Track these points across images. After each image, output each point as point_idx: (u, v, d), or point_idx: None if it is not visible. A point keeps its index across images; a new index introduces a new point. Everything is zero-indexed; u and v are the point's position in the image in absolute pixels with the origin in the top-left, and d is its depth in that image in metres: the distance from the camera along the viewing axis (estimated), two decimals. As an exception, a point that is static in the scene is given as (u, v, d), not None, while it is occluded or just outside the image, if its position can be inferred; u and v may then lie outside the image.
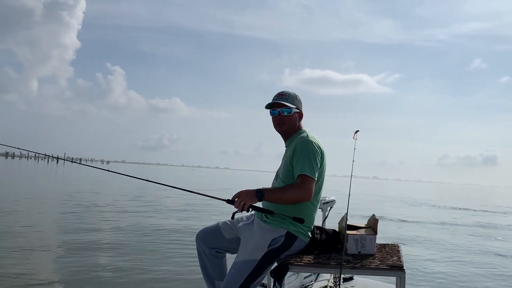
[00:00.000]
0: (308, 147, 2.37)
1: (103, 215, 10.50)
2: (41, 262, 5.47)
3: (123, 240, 7.23)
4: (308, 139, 2.42)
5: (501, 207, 26.13)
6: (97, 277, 4.83)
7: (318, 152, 2.38)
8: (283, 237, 2.38)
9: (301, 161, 2.33)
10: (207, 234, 2.63)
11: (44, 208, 11.58)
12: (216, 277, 2.59)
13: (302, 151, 2.35)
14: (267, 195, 2.27)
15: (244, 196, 2.23)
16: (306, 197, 2.31)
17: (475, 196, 49.33)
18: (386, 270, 2.23)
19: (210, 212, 12.28)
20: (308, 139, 2.42)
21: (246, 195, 2.23)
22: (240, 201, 2.21)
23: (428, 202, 27.07)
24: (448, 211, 20.03)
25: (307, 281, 3.29)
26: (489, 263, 7.32)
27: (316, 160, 2.35)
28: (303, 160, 2.33)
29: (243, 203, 2.21)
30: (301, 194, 2.29)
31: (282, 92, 2.57)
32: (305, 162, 2.32)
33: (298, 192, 2.29)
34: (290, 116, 2.51)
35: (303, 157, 2.33)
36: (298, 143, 2.42)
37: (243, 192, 2.25)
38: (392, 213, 14.60)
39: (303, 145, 2.38)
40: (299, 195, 2.29)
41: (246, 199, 2.22)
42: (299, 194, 2.29)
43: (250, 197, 2.23)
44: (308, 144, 2.39)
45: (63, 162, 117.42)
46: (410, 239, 9.54)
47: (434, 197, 37.99)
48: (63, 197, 14.59)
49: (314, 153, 2.35)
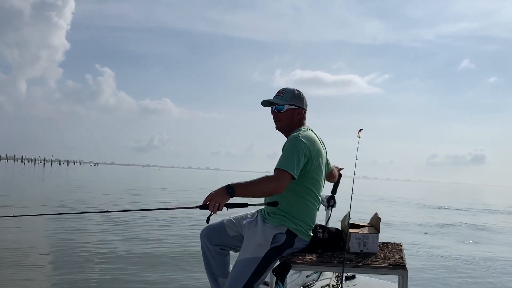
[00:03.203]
0: (294, 144, 2.34)
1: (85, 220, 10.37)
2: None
3: (121, 240, 7.15)
4: (298, 137, 2.38)
5: (490, 206, 26.49)
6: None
7: (304, 150, 2.33)
8: (284, 234, 2.36)
9: (281, 156, 2.33)
10: (212, 231, 2.60)
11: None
12: (220, 274, 2.58)
13: (287, 148, 2.34)
14: (238, 190, 2.16)
15: (215, 196, 2.12)
16: (278, 189, 2.23)
17: (463, 194, 49.97)
18: (389, 269, 2.22)
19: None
20: (298, 137, 2.38)
21: (217, 195, 2.12)
22: (214, 203, 2.10)
23: (418, 201, 27.33)
24: (437, 210, 20.25)
25: (309, 280, 3.27)
26: (486, 262, 7.39)
27: (299, 157, 2.30)
28: (284, 155, 2.31)
29: (217, 204, 2.10)
30: (273, 186, 2.21)
31: (281, 90, 2.57)
32: (285, 156, 2.30)
33: (270, 184, 2.21)
34: (283, 113, 2.52)
35: (286, 153, 2.32)
36: (287, 140, 2.42)
37: (213, 193, 2.13)
38: (388, 214, 14.78)
39: (290, 143, 2.37)
40: (271, 187, 2.21)
41: (218, 199, 2.11)
42: (270, 186, 2.21)
43: (222, 196, 2.12)
44: (295, 141, 2.36)
45: (50, 164, 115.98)
46: (409, 237, 9.61)
47: (423, 196, 38.40)
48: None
49: (298, 149, 2.31)
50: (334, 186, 3.06)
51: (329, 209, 3.17)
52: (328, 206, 3.16)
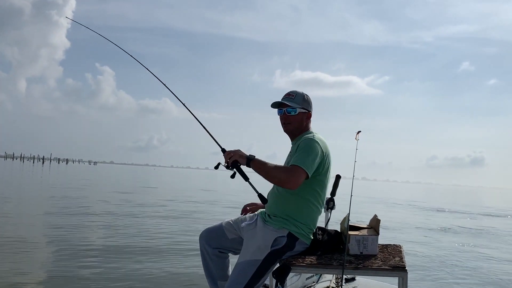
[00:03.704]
0: (310, 144, 2.37)
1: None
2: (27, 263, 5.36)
3: (119, 241, 7.14)
4: (313, 138, 2.43)
5: (489, 208, 26.48)
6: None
7: (319, 151, 2.37)
8: (285, 237, 2.36)
9: (298, 154, 2.34)
10: (211, 233, 2.61)
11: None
12: (219, 277, 2.58)
13: (303, 147, 2.36)
14: (256, 161, 2.28)
15: (235, 152, 2.30)
16: (291, 185, 2.25)
17: (462, 197, 50.00)
18: (388, 271, 2.23)
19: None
20: (314, 138, 2.43)
21: (239, 152, 2.30)
22: (230, 152, 2.30)
23: (416, 203, 27.33)
24: (436, 212, 20.25)
25: (309, 282, 3.27)
26: (486, 264, 7.39)
27: (315, 157, 2.33)
28: (300, 154, 2.33)
29: (231, 155, 2.28)
30: (287, 179, 2.23)
31: (290, 92, 2.57)
32: (302, 155, 2.32)
33: (285, 175, 2.24)
34: (295, 116, 2.52)
35: (302, 152, 2.34)
36: (302, 140, 2.43)
37: (239, 150, 2.32)
38: (388, 215, 14.77)
39: (306, 142, 2.40)
40: (285, 178, 2.24)
41: (235, 155, 2.28)
42: (285, 177, 2.24)
43: (240, 155, 2.28)
44: (311, 142, 2.40)
45: (49, 162, 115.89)
46: (409, 239, 9.61)
47: (422, 198, 38.42)
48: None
49: (314, 150, 2.35)
50: (333, 188, 3.06)
51: (328, 211, 3.17)
52: (328, 208, 3.15)
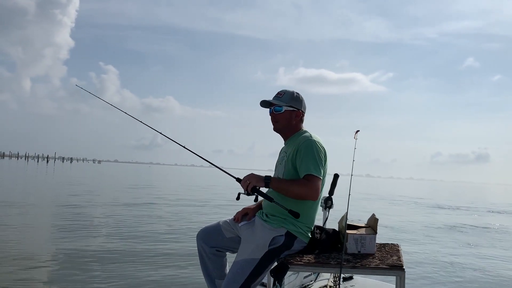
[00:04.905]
0: (312, 146, 2.38)
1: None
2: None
3: (118, 241, 7.17)
4: (312, 139, 2.43)
5: (494, 205, 26.35)
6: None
7: (322, 151, 2.41)
8: (283, 236, 2.37)
9: (305, 161, 2.34)
10: (208, 233, 2.62)
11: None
12: (217, 276, 2.59)
13: (307, 151, 2.37)
14: (273, 182, 2.32)
15: (252, 177, 2.30)
16: (312, 196, 2.32)
17: (466, 193, 49.81)
18: (386, 270, 2.23)
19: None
20: (312, 139, 2.44)
21: (254, 176, 2.30)
22: (247, 180, 2.27)
23: (419, 200, 27.27)
24: (438, 209, 20.19)
25: (307, 281, 3.28)
26: (487, 262, 7.36)
27: (321, 159, 2.37)
28: (308, 159, 2.34)
29: (248, 182, 2.26)
30: (307, 192, 2.30)
31: (280, 91, 2.59)
32: (310, 161, 2.33)
33: (304, 189, 2.29)
34: (281, 114, 2.53)
35: (308, 156, 2.35)
36: (301, 143, 2.42)
37: (252, 174, 2.33)
38: (387, 214, 14.76)
39: (307, 145, 2.40)
40: (305, 192, 2.30)
41: (252, 180, 2.28)
42: (305, 191, 2.30)
43: (257, 179, 2.29)
44: (312, 143, 2.40)
45: (53, 161, 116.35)
46: (406, 238, 9.59)
47: (425, 194, 38.32)
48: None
49: (318, 152, 2.37)
50: (331, 187, 3.06)
51: (326, 210, 3.18)
52: (326, 207, 3.16)
